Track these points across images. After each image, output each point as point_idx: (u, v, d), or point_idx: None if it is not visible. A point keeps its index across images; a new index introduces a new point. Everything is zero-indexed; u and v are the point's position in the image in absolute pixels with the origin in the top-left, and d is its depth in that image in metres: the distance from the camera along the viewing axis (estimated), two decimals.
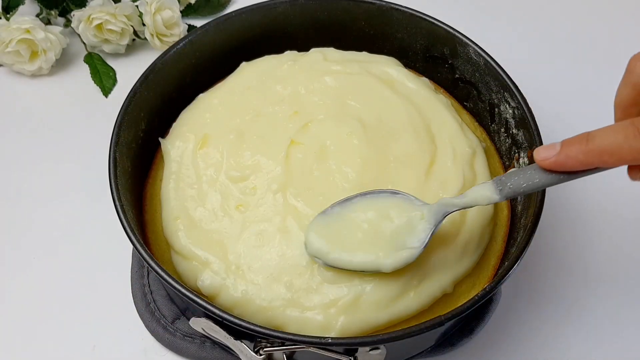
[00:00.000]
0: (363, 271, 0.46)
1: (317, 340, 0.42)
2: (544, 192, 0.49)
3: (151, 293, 0.57)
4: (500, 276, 0.45)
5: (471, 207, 0.45)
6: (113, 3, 0.74)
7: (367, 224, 0.46)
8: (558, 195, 0.66)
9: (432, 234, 0.45)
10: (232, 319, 0.43)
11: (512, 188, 0.42)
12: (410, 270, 0.47)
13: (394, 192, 0.47)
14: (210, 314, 0.43)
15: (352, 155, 0.53)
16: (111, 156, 0.51)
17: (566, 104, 0.75)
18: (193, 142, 0.55)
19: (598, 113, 0.75)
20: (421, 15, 0.62)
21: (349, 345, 0.44)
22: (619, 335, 0.58)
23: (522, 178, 0.41)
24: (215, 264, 0.49)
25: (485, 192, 0.43)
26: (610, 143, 0.35)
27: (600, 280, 0.61)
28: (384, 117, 0.56)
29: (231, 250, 0.49)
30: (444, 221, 0.46)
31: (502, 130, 0.59)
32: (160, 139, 0.58)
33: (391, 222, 0.46)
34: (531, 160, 0.53)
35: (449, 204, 0.45)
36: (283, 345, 0.44)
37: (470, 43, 0.59)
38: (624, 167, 0.46)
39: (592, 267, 0.62)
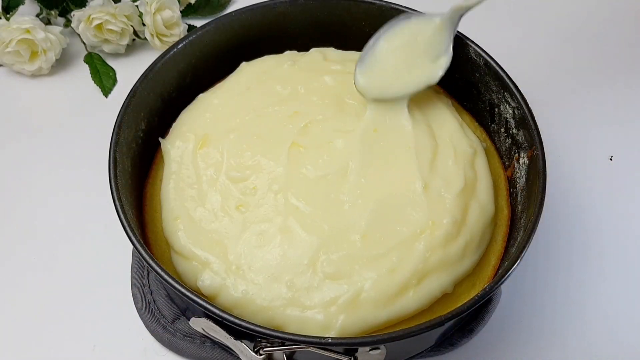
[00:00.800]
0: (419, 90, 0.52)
1: (317, 340, 0.42)
2: (543, 192, 0.49)
3: (151, 293, 0.57)
4: (500, 276, 0.45)
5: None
6: (113, 3, 0.74)
7: (400, 51, 0.52)
8: (558, 196, 0.66)
9: (453, 36, 0.51)
10: (232, 319, 0.43)
11: None
12: (409, 269, 0.48)
13: (408, 16, 0.52)
14: (210, 314, 0.43)
15: (354, 152, 0.53)
16: (111, 156, 0.51)
17: (566, 104, 0.75)
18: (193, 142, 0.55)
19: (598, 112, 0.75)
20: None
21: (349, 345, 0.44)
22: (619, 335, 0.58)
23: None
24: (215, 264, 0.49)
25: None
26: None
27: (600, 280, 0.61)
28: None
29: (231, 250, 0.49)
30: (445, 223, 0.47)
31: (502, 130, 0.59)
32: (160, 139, 0.58)
33: (417, 41, 0.52)
34: (530, 160, 0.53)
35: (460, 7, 0.50)
36: (283, 345, 0.44)
37: (470, 43, 0.59)
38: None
39: (592, 267, 0.62)
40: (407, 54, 0.52)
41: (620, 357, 0.57)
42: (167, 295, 0.57)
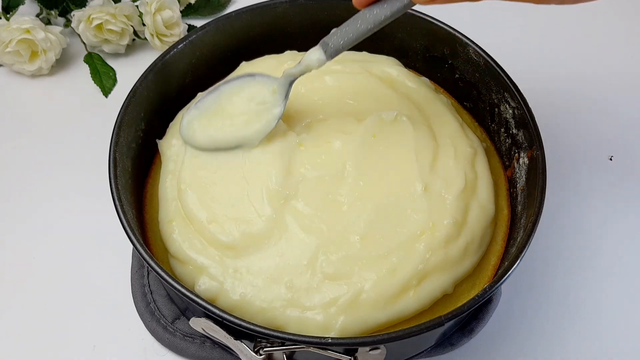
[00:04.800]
0: (230, 148, 0.52)
1: (317, 340, 0.42)
2: (543, 192, 0.49)
3: (151, 293, 0.57)
4: (500, 276, 0.45)
5: (308, 71, 0.50)
6: (113, 3, 0.74)
7: (233, 107, 0.53)
8: (558, 196, 0.66)
9: (284, 102, 0.51)
10: (232, 319, 0.43)
11: (334, 47, 0.47)
12: (409, 269, 0.48)
13: (252, 75, 0.53)
14: (210, 314, 0.43)
15: (352, 153, 0.53)
16: (111, 156, 0.51)
17: (566, 104, 0.75)
18: None
19: (598, 112, 0.75)
20: (421, 15, 0.62)
21: (349, 345, 0.44)
22: (618, 334, 0.58)
23: (339, 35, 0.46)
24: (212, 268, 0.49)
25: (315, 55, 0.48)
26: None
27: (600, 280, 0.61)
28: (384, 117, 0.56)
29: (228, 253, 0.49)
30: (445, 224, 0.46)
31: (502, 130, 0.59)
32: (157, 141, 0.57)
33: (252, 101, 0.52)
34: (530, 160, 0.53)
35: (289, 74, 0.51)
36: (283, 345, 0.44)
37: (470, 43, 0.59)
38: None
39: (592, 267, 0.62)
40: (240, 112, 0.53)
41: (619, 357, 0.57)
42: (167, 295, 0.57)
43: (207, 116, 0.53)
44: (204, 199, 0.51)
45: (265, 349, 0.45)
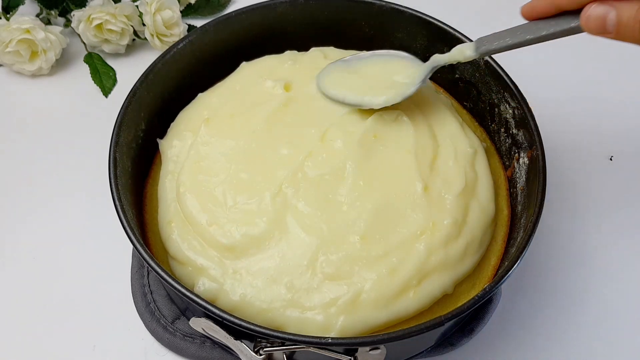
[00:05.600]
0: (357, 105, 0.55)
1: (317, 340, 0.42)
2: (543, 192, 0.49)
3: (151, 293, 0.57)
4: (500, 276, 0.45)
5: (454, 62, 0.52)
6: (113, 3, 0.74)
7: (371, 74, 0.56)
8: (558, 195, 0.66)
9: (420, 85, 0.54)
10: (232, 319, 0.43)
11: (487, 47, 0.49)
12: (409, 269, 0.48)
13: (399, 53, 0.56)
14: (210, 314, 0.43)
15: (352, 153, 0.53)
16: (111, 156, 0.51)
17: (566, 104, 0.75)
18: (191, 140, 0.55)
19: (598, 112, 0.75)
20: (421, 15, 0.62)
21: (349, 345, 0.44)
22: (618, 334, 0.58)
23: (496, 37, 0.48)
24: (211, 269, 0.49)
25: (466, 49, 0.51)
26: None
27: (600, 280, 0.61)
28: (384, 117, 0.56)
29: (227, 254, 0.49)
30: (445, 224, 0.46)
31: (502, 130, 0.59)
32: (158, 140, 0.57)
33: (391, 76, 0.55)
34: (530, 160, 0.53)
35: (436, 60, 0.54)
36: (283, 345, 0.44)
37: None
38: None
39: (592, 267, 0.62)
40: (375, 79, 0.56)
41: (620, 357, 0.57)
42: (167, 295, 0.57)
43: (348, 72, 0.57)
44: (204, 203, 0.51)
45: (265, 349, 0.45)
